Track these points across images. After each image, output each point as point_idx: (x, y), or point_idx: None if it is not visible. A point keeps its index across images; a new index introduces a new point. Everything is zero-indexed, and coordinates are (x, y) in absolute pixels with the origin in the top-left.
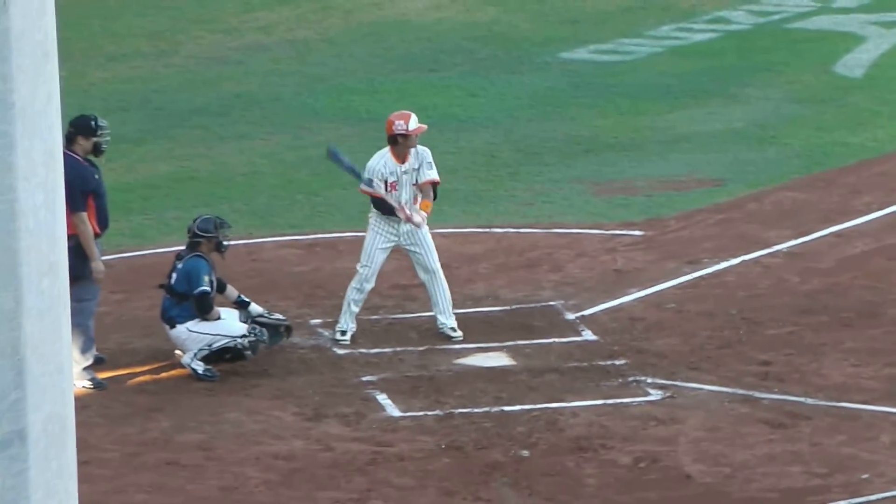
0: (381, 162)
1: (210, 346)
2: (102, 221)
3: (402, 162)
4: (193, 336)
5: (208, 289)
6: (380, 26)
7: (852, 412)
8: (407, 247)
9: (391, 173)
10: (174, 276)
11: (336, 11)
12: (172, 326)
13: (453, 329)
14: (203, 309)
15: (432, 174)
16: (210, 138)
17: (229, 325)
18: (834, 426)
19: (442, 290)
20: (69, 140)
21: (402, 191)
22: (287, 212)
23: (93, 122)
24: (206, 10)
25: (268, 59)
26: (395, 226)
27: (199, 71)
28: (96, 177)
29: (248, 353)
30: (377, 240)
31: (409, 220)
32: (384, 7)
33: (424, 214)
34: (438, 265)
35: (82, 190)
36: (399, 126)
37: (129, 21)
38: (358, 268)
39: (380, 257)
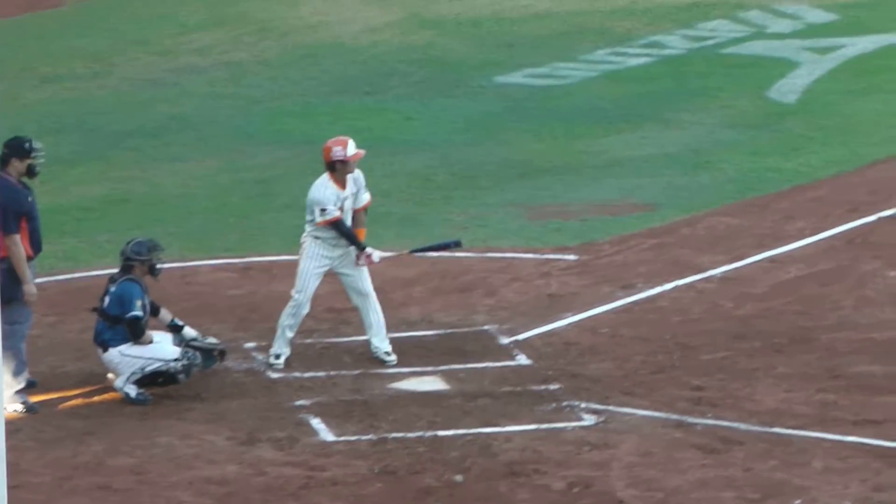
0: (328, 191)
1: (143, 369)
2: (35, 244)
3: (343, 188)
4: (126, 360)
5: (140, 313)
6: (315, 49)
7: (785, 437)
8: (340, 270)
9: (337, 199)
10: (107, 299)
11: (272, 34)
12: (105, 350)
13: (387, 353)
14: (135, 333)
15: (367, 197)
16: (144, 160)
17: (162, 348)
18: (766, 451)
19: (376, 314)
20: (3, 162)
21: (346, 217)
22: (221, 235)
23: (27, 144)
24: (142, 31)
25: (203, 81)
26: (330, 250)
27: (134, 92)
28: (30, 199)
29: (182, 376)
30: (311, 265)
31: (370, 262)
32: (320, 30)
33: (378, 254)
34: (371, 288)
35: (15, 212)
36: (337, 152)
37: (64, 42)
38: (293, 293)
39: (314, 283)
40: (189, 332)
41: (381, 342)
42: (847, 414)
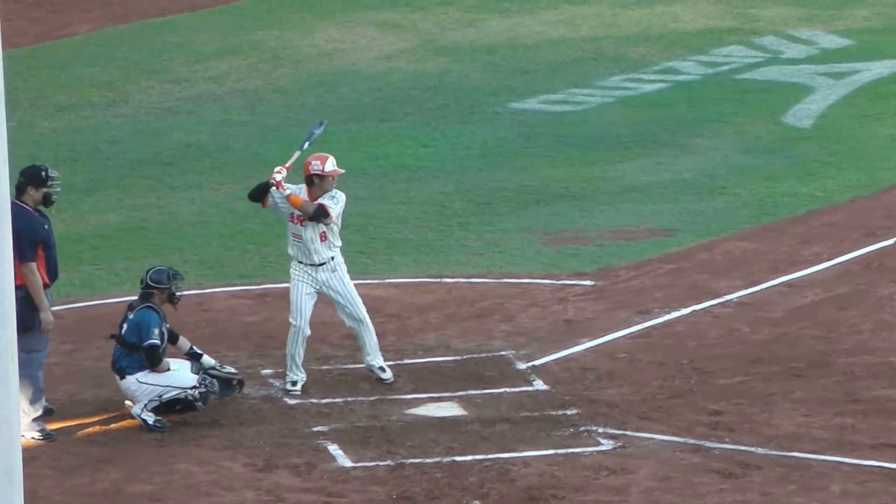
0: (297, 191)
1: (160, 397)
2: (52, 272)
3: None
4: (143, 387)
5: (158, 342)
6: (330, 76)
7: (803, 462)
8: (329, 294)
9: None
10: (125, 326)
11: (287, 61)
12: (122, 377)
13: (382, 369)
14: (152, 361)
15: (324, 201)
16: (160, 188)
17: (180, 376)
18: (784, 476)
19: (371, 337)
20: (19, 190)
21: (308, 228)
22: (238, 262)
23: (43, 173)
24: (156, 60)
25: (218, 109)
26: (313, 273)
27: (149, 121)
28: (46, 227)
29: (199, 404)
30: (301, 288)
31: (274, 178)
32: (335, 57)
33: (284, 172)
34: (365, 312)
35: (32, 240)
36: (315, 166)
37: (79, 71)
38: (290, 321)
39: (308, 304)
40: (208, 360)
41: (375, 359)
42: (865, 438)
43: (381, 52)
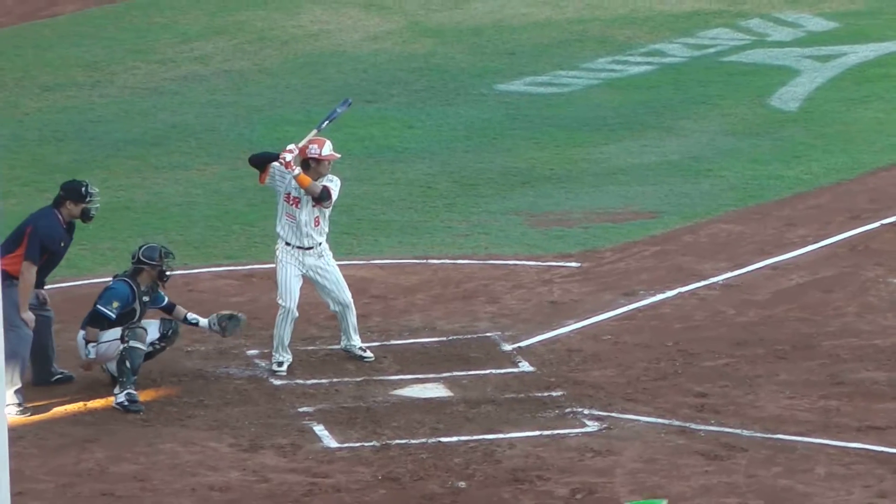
0: (291, 175)
1: (96, 356)
2: (37, 279)
3: None
4: (81, 344)
5: (109, 313)
6: (316, 57)
7: (788, 444)
8: (315, 279)
9: (296, 188)
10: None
11: (273, 42)
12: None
13: (362, 349)
14: (91, 323)
15: (329, 184)
16: (145, 168)
17: (110, 333)
18: (770, 458)
19: (353, 319)
20: (57, 203)
21: (303, 210)
22: (223, 242)
23: (83, 188)
24: (142, 40)
25: (204, 89)
26: (300, 257)
27: (135, 101)
28: (63, 245)
29: (138, 344)
30: (289, 270)
31: (284, 158)
32: (321, 38)
33: (295, 152)
34: (350, 297)
35: (44, 246)
36: (312, 150)
37: (64, 51)
38: (279, 302)
39: (296, 286)
40: (201, 320)
41: (356, 340)
42: (850, 420)
43: (366, 34)
